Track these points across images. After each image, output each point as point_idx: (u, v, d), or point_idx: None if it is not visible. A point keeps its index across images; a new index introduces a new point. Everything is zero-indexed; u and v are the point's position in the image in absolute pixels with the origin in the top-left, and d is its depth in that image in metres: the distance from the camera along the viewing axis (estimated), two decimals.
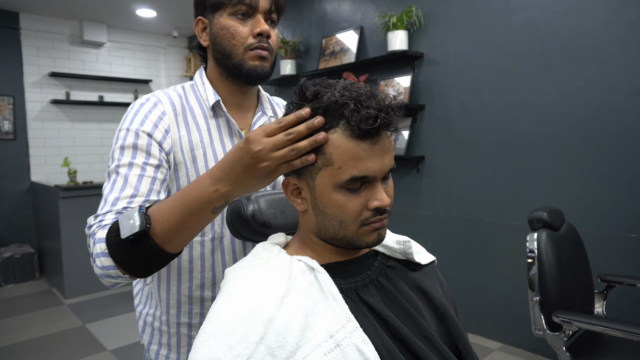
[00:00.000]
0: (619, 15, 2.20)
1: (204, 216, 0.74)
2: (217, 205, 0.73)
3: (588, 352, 1.73)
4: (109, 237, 0.75)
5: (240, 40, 0.92)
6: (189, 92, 0.99)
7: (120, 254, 0.74)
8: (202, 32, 0.98)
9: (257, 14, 0.93)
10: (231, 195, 0.72)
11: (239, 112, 1.02)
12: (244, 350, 0.59)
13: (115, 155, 0.88)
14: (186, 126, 0.94)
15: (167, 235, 0.74)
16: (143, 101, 0.93)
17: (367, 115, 0.63)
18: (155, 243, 0.74)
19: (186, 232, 0.75)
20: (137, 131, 0.88)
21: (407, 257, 0.81)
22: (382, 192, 0.68)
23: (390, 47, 3.02)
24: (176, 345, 1.00)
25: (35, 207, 4.59)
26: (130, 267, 0.75)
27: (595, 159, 2.32)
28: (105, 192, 0.85)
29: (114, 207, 0.82)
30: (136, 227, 0.72)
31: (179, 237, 0.75)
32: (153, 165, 0.87)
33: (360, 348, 0.62)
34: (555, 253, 1.77)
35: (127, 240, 0.73)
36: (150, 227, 0.74)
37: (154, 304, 1.01)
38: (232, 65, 0.94)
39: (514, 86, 2.60)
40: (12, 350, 2.88)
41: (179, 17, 4.81)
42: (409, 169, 3.15)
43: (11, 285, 4.21)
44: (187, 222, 0.74)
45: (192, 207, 0.72)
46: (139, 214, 0.74)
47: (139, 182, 0.84)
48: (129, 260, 0.74)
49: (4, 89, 4.44)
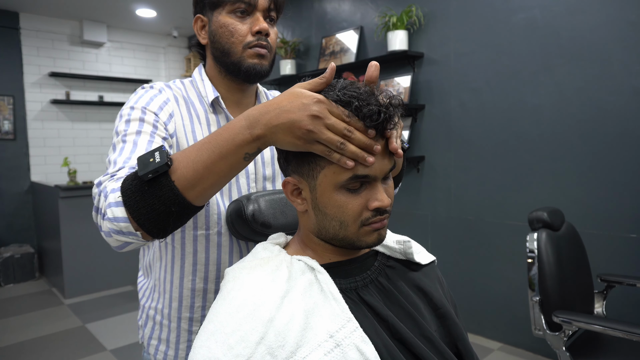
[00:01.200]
0: (619, 15, 2.20)
1: (234, 161, 0.67)
2: (249, 151, 0.67)
3: (588, 352, 1.73)
4: (124, 183, 0.68)
5: (239, 38, 0.92)
6: (188, 87, 1.00)
7: (135, 199, 0.66)
8: (201, 29, 0.98)
9: (256, 12, 0.93)
10: (265, 142, 0.66)
11: (237, 109, 1.02)
12: (244, 350, 0.59)
13: (120, 129, 0.85)
14: (189, 117, 0.95)
15: (191, 180, 0.67)
16: (147, 88, 0.93)
17: (370, 112, 0.64)
18: (176, 187, 0.66)
19: (212, 178, 0.68)
20: (144, 109, 0.88)
21: (407, 257, 0.81)
22: (383, 192, 0.68)
23: (390, 47, 3.02)
24: (175, 342, 1.00)
25: (35, 207, 4.59)
26: (144, 217, 0.66)
27: (596, 159, 2.32)
28: (112, 157, 0.80)
29: (127, 164, 0.76)
30: (157, 163, 0.65)
31: (204, 184, 0.68)
32: (161, 136, 0.86)
33: (361, 348, 0.62)
34: (555, 253, 1.77)
35: (144, 180, 0.65)
36: (172, 167, 0.67)
37: (157, 297, 1.01)
38: (231, 63, 0.94)
39: (514, 86, 2.60)
40: (12, 350, 2.88)
41: (179, 17, 4.81)
42: (408, 169, 3.15)
43: (11, 285, 4.21)
44: (214, 167, 0.67)
45: (223, 149, 0.66)
46: (160, 151, 0.67)
47: (149, 145, 0.81)
48: (144, 206, 0.66)
49: (4, 89, 4.44)
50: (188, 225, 0.95)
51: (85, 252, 3.84)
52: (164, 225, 0.68)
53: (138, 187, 0.66)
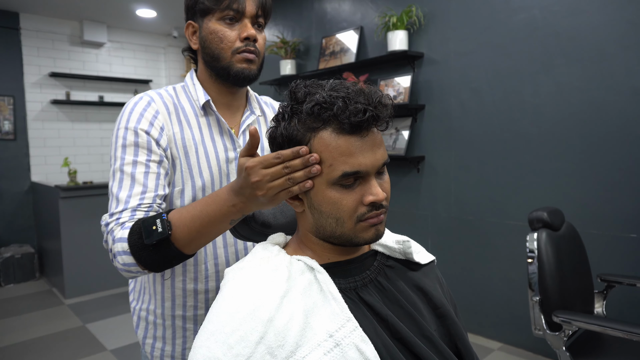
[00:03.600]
0: (619, 15, 2.20)
1: (222, 226, 0.80)
2: (234, 218, 0.78)
3: (588, 352, 1.73)
4: (131, 238, 0.80)
5: (228, 44, 0.96)
6: (180, 92, 1.03)
7: (142, 254, 0.80)
8: (192, 35, 1.02)
9: (245, 18, 0.97)
10: (247, 210, 0.77)
11: (228, 111, 1.06)
12: (243, 350, 0.59)
13: (117, 154, 0.91)
14: (179, 124, 0.98)
15: (187, 241, 0.80)
16: (137, 100, 0.96)
17: (356, 110, 0.64)
18: (176, 247, 0.80)
19: (205, 238, 0.82)
20: (136, 130, 0.92)
21: (406, 256, 0.81)
22: (377, 186, 0.68)
23: (390, 47, 3.02)
24: (171, 338, 1.02)
25: (36, 207, 4.59)
26: (150, 265, 0.82)
27: (595, 159, 2.32)
28: (114, 191, 0.89)
29: (128, 205, 0.87)
30: (159, 234, 0.78)
31: (198, 243, 0.82)
32: (155, 161, 0.91)
33: (360, 347, 0.62)
34: (555, 253, 1.77)
35: (148, 245, 0.79)
36: (172, 232, 0.79)
37: (147, 299, 1.04)
38: (221, 68, 0.98)
39: (514, 86, 2.60)
40: (13, 350, 2.88)
41: (179, 17, 4.81)
42: (409, 169, 3.15)
43: (11, 285, 4.21)
44: (206, 230, 0.80)
45: (212, 218, 0.78)
46: (161, 221, 0.80)
47: (146, 178, 0.89)
48: (150, 260, 0.81)
49: (4, 89, 4.44)
50: None
51: (85, 252, 3.84)
52: (166, 267, 0.84)
53: (144, 247, 0.79)
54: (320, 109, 0.66)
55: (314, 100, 0.67)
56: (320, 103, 0.66)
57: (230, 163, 1.02)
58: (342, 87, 0.68)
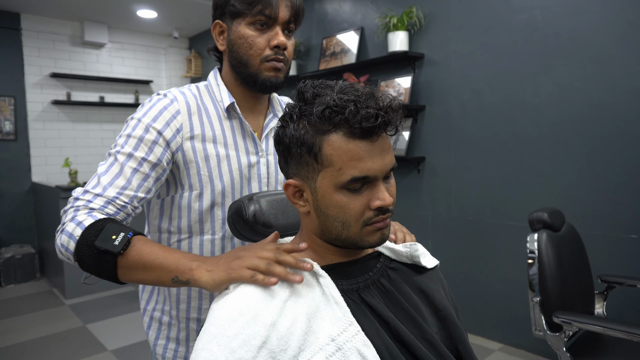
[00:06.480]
0: (619, 16, 2.20)
1: (164, 278, 0.77)
2: (180, 277, 0.75)
3: (588, 353, 1.73)
4: (88, 230, 0.78)
5: (257, 51, 0.94)
6: (203, 92, 1.01)
7: (84, 249, 0.78)
8: (219, 35, 0.99)
9: (276, 25, 0.94)
10: (196, 275, 0.73)
11: (251, 114, 1.03)
12: (246, 354, 0.59)
13: (120, 141, 0.91)
14: (201, 125, 0.96)
15: (127, 269, 0.78)
16: (161, 96, 0.95)
17: (367, 115, 0.64)
18: (115, 267, 0.77)
19: (142, 278, 0.79)
20: (148, 126, 0.90)
21: (413, 260, 0.81)
22: (384, 191, 0.68)
23: (390, 48, 3.02)
24: (185, 339, 1.02)
25: (36, 207, 4.59)
26: (82, 262, 0.79)
27: (596, 159, 2.32)
28: (99, 171, 0.88)
29: (105, 193, 0.85)
30: (112, 246, 0.76)
31: (135, 277, 0.79)
32: (151, 162, 0.89)
33: (362, 352, 0.62)
34: (556, 254, 1.77)
35: (97, 247, 0.77)
36: (123, 253, 0.77)
37: (162, 299, 1.02)
38: (248, 74, 0.96)
39: (514, 86, 2.60)
40: (13, 351, 2.88)
41: (180, 18, 4.81)
42: (409, 169, 3.15)
43: (12, 286, 4.21)
44: (148, 274, 0.77)
45: (163, 265, 0.76)
46: (124, 237, 0.77)
47: (132, 175, 0.88)
48: (85, 258, 0.78)
49: (5, 90, 4.44)
50: (195, 231, 0.97)
51: None
52: (93, 273, 0.81)
53: (91, 244, 0.77)
54: (331, 112, 0.65)
55: (325, 103, 0.66)
56: (331, 107, 0.65)
57: (252, 167, 0.99)
58: (352, 90, 0.67)
